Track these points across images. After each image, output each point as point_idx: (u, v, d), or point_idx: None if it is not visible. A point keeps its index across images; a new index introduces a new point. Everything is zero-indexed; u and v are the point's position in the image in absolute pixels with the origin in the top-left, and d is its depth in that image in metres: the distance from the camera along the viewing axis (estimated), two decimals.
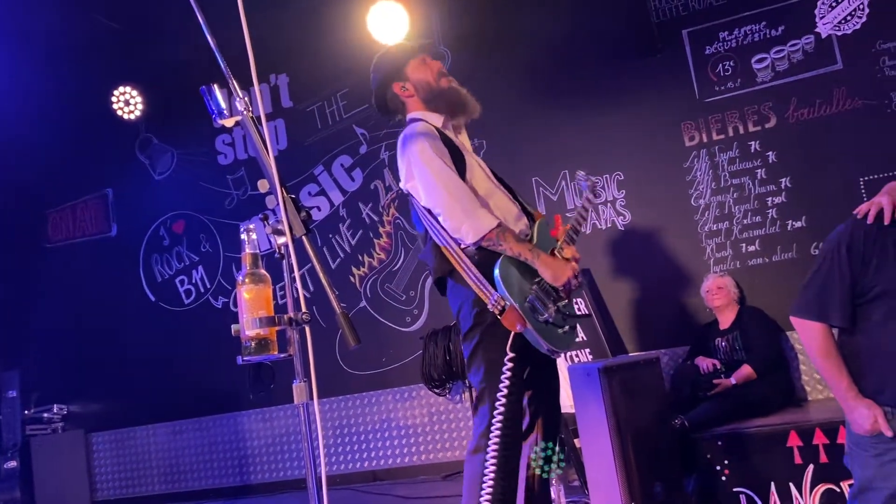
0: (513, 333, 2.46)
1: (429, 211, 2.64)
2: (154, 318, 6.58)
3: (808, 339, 2.32)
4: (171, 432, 6.43)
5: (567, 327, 2.58)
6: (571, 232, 2.70)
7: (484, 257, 2.54)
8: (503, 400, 2.45)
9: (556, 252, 2.63)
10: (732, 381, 4.08)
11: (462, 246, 2.58)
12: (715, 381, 4.12)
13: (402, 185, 2.75)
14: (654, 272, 5.08)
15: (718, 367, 4.23)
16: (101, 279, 6.77)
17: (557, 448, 2.71)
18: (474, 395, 2.64)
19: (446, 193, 2.56)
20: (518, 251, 2.53)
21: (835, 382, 2.29)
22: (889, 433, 2.18)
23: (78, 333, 6.77)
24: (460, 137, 2.87)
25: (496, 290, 2.48)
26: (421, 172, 2.61)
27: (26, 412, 6.52)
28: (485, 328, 2.55)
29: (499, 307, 2.46)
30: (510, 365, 2.46)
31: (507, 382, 2.46)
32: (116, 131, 6.59)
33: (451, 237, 2.59)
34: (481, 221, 2.53)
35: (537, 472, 2.68)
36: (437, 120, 2.78)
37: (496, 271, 2.49)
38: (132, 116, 6.34)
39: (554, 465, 2.67)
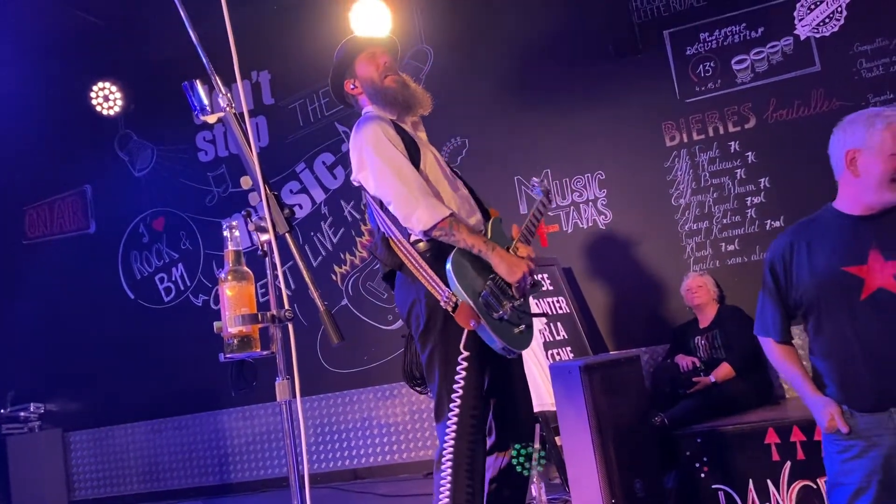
0: (466, 331, 2.34)
1: (379, 203, 2.51)
2: (133, 315, 6.51)
3: (766, 352, 2.54)
4: (151, 431, 6.37)
5: (523, 326, 2.45)
6: (526, 232, 2.61)
7: (435, 252, 2.43)
8: (458, 402, 2.33)
9: (510, 250, 2.52)
10: (712, 378, 4.12)
11: (412, 239, 2.45)
12: (695, 379, 4.16)
13: (353, 177, 2.62)
14: (635, 271, 5.11)
15: (698, 365, 4.26)
16: (79, 276, 6.69)
17: (532, 454, 2.60)
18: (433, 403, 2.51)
19: (397, 180, 2.43)
20: (472, 243, 2.40)
21: (793, 384, 2.47)
22: (844, 430, 2.26)
23: (56, 331, 6.68)
24: (418, 133, 2.75)
25: (448, 286, 2.35)
26: (371, 159, 2.49)
27: (2, 411, 6.44)
28: (439, 332, 2.44)
29: (451, 304, 2.33)
30: (464, 364, 2.34)
31: (461, 382, 2.33)
32: (95, 127, 6.52)
33: (399, 231, 2.46)
34: (434, 210, 2.39)
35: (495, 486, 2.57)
36: (390, 114, 2.68)
37: (448, 265, 2.35)
38: (111, 112, 6.28)
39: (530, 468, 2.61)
